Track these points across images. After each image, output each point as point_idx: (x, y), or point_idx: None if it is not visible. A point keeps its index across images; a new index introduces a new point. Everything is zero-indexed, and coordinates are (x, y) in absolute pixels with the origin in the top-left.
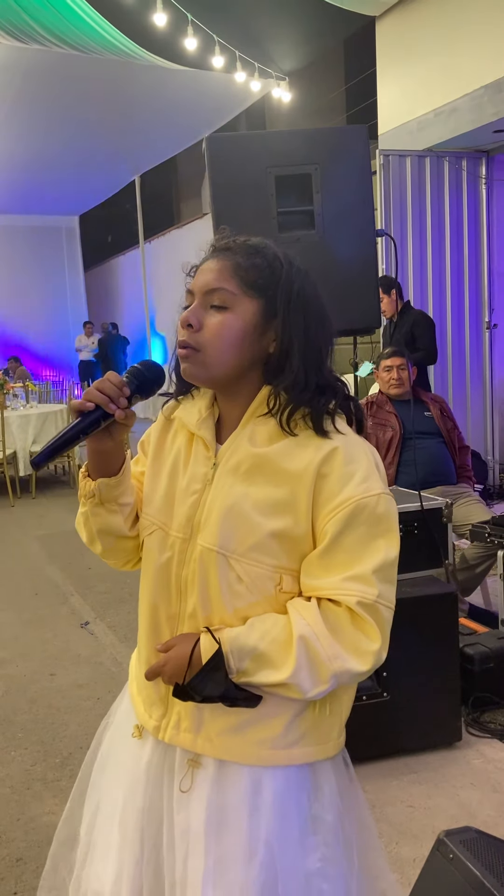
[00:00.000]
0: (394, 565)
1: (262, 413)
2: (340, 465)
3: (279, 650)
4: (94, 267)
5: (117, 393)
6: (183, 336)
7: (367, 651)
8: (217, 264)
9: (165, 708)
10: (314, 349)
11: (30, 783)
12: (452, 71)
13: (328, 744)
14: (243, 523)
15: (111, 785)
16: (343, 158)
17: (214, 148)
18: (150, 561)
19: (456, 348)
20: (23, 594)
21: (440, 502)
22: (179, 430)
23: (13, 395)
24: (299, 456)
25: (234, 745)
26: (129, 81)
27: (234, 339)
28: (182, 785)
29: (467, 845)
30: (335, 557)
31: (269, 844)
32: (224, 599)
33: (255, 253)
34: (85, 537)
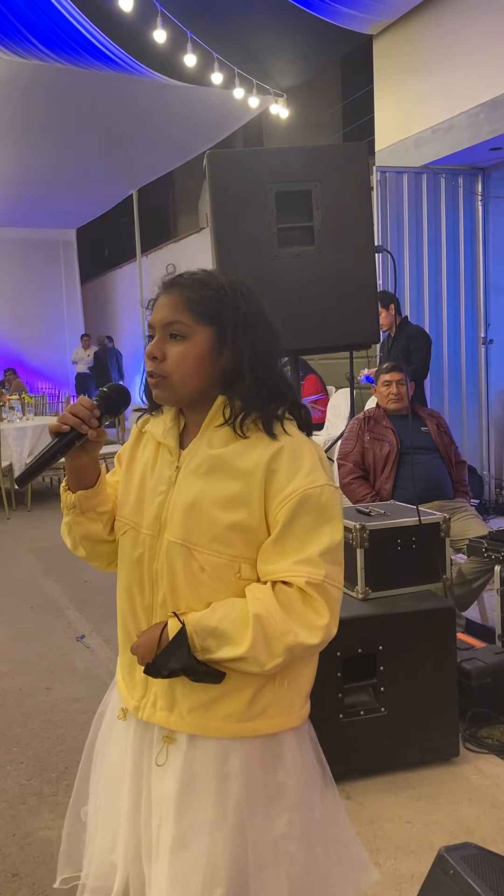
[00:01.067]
0: (339, 549)
1: (219, 423)
2: (287, 461)
3: (238, 628)
4: (91, 280)
5: (88, 415)
6: (150, 367)
7: (317, 626)
8: (170, 300)
9: (145, 689)
10: (263, 361)
11: (25, 798)
12: (449, 89)
13: (291, 715)
14: (204, 517)
15: (109, 767)
16: (343, 175)
17: (215, 164)
18: (124, 558)
19: (452, 363)
20: (19, 607)
21: (438, 517)
22: (149, 442)
23: (9, 408)
24: (250, 455)
25: (204, 721)
26: (128, 96)
27: (194, 364)
28: (158, 759)
29: (467, 861)
30: (286, 544)
31: (238, 809)
32: (189, 588)
33: (202, 286)
34: (69, 544)
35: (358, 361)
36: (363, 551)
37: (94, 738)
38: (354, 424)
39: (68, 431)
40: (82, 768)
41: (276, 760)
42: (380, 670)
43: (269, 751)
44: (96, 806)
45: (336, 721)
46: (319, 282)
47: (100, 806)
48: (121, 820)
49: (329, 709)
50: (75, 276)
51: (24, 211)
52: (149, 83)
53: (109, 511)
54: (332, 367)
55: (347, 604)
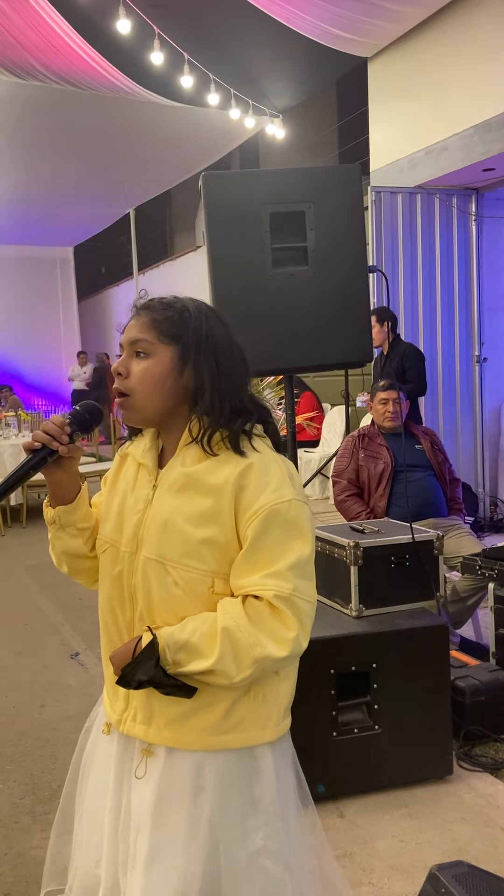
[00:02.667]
0: (309, 563)
1: (189, 441)
2: (256, 477)
3: (207, 641)
4: (87, 297)
5: (59, 432)
6: (116, 384)
7: (285, 638)
8: (138, 321)
9: (126, 704)
10: (226, 380)
11: (18, 817)
12: (443, 111)
13: (267, 729)
14: (176, 534)
15: (94, 781)
16: (336, 196)
17: (211, 185)
18: (105, 575)
19: (447, 382)
20: (13, 624)
21: (431, 534)
22: (130, 464)
23: (5, 424)
24: (220, 471)
25: (180, 733)
26: (126, 117)
27: (156, 381)
28: (137, 772)
29: (459, 879)
30: (256, 558)
31: (212, 823)
32: (164, 603)
33: (167, 307)
34: (54, 560)
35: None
36: (357, 569)
37: (80, 753)
38: (349, 442)
39: (40, 448)
40: (68, 783)
41: (252, 775)
42: (373, 688)
43: (244, 765)
44: (80, 819)
45: (329, 739)
46: (313, 301)
47: (84, 819)
48: (104, 833)
49: (323, 726)
50: (72, 294)
51: (22, 229)
52: (146, 104)
53: (91, 528)
54: (327, 384)
55: (341, 621)
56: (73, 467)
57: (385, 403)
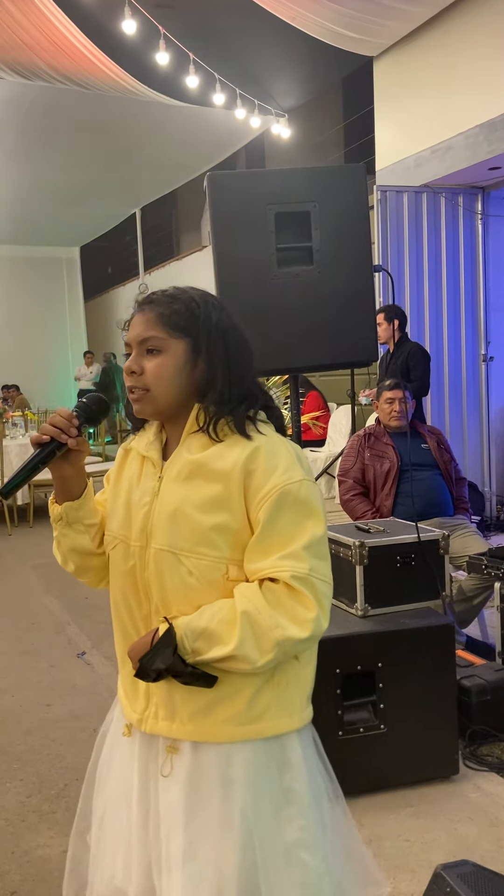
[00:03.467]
0: (323, 542)
1: (195, 430)
2: (264, 460)
3: (226, 627)
4: (94, 297)
5: (67, 425)
6: (130, 382)
7: (306, 619)
8: (144, 317)
9: (146, 701)
10: (236, 368)
11: (25, 815)
12: (448, 110)
13: (293, 716)
14: (187, 522)
15: (114, 786)
16: (341, 196)
17: (215, 185)
18: (116, 571)
19: (453, 381)
20: (19, 624)
21: (437, 534)
22: (134, 458)
23: (12, 424)
24: (228, 456)
25: (205, 726)
26: (131, 117)
27: (171, 375)
28: (163, 770)
29: (465, 879)
30: (269, 541)
31: (244, 815)
32: (179, 593)
33: (173, 301)
34: (59, 558)
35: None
36: (363, 568)
37: (96, 758)
38: (355, 441)
39: (49, 442)
40: (85, 789)
41: (281, 765)
42: (379, 687)
43: (273, 755)
44: (101, 826)
45: (335, 738)
46: (318, 301)
47: (105, 826)
48: (131, 837)
49: (328, 726)
50: (78, 294)
51: (29, 229)
52: (151, 104)
53: (97, 524)
54: (333, 384)
55: (346, 621)
56: (81, 461)
57: (391, 402)
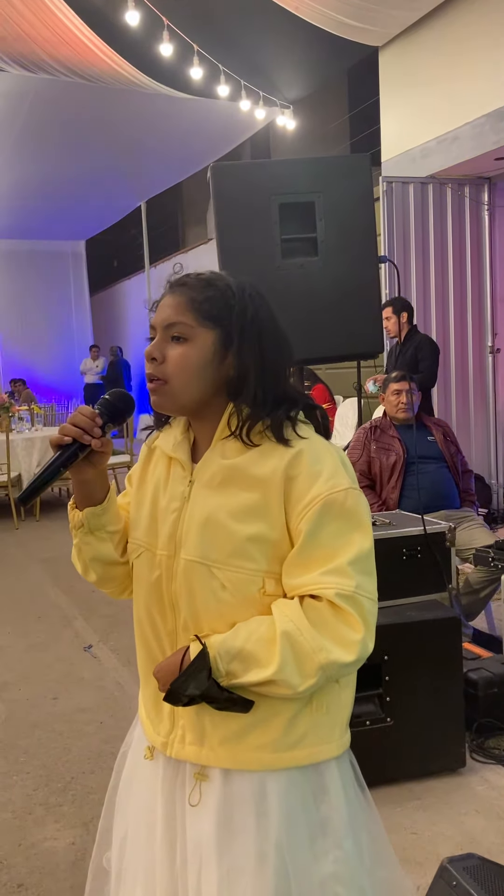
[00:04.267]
0: (369, 557)
1: (227, 434)
2: (307, 465)
3: (264, 648)
4: (99, 291)
5: (90, 424)
6: (149, 369)
7: (352, 641)
8: (174, 299)
9: (172, 724)
10: (270, 367)
11: (32, 808)
12: (454, 99)
13: (331, 743)
14: (221, 532)
15: (135, 810)
16: (345, 186)
17: (219, 176)
18: (141, 582)
19: (459, 373)
20: (26, 617)
21: (443, 526)
22: (160, 458)
23: (18, 418)
24: (267, 462)
25: (237, 753)
26: (136, 109)
27: (196, 368)
28: (191, 799)
29: (470, 872)
30: (311, 554)
31: (279, 849)
32: (211, 608)
33: (207, 286)
34: (80, 568)
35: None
36: None
37: (116, 779)
38: (361, 434)
39: (71, 443)
40: (105, 810)
41: (318, 793)
42: (385, 680)
43: (309, 783)
44: (121, 852)
45: None
46: (323, 292)
47: (126, 852)
48: (155, 867)
49: None
50: (84, 288)
51: (34, 223)
52: (156, 96)
53: (120, 530)
54: (339, 376)
55: None
56: (103, 463)
57: (398, 394)
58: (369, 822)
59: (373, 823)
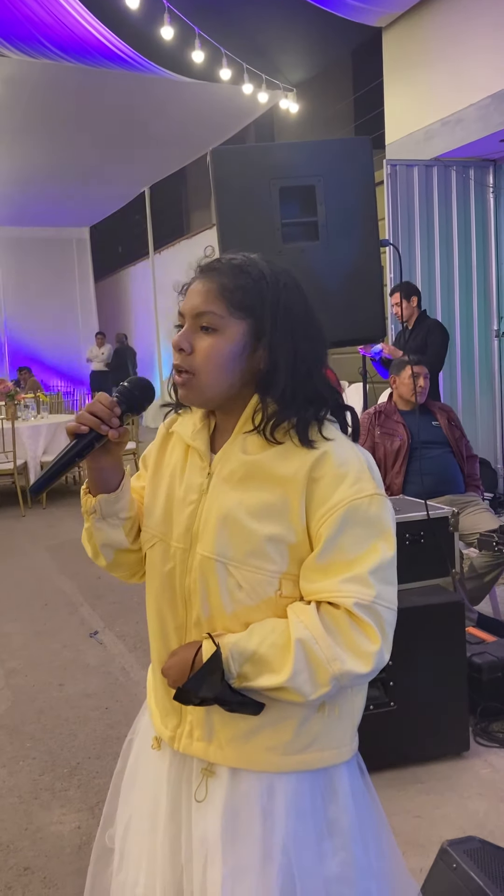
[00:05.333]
0: (391, 566)
1: (249, 429)
2: (331, 468)
3: (278, 654)
4: (104, 278)
5: (108, 414)
6: (177, 360)
7: (367, 652)
8: (204, 286)
9: (179, 718)
10: (302, 363)
11: (38, 793)
12: (459, 81)
13: (342, 748)
14: (239, 530)
15: (140, 798)
16: (346, 170)
17: (219, 160)
18: (153, 573)
19: (465, 357)
20: (32, 604)
21: (446, 511)
22: (177, 444)
23: (24, 406)
24: (290, 461)
25: (246, 753)
26: (138, 94)
27: (225, 361)
28: (197, 795)
29: (470, 855)
30: (331, 560)
31: (285, 849)
32: (225, 606)
33: (240, 273)
34: (90, 551)
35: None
36: None
37: (122, 766)
38: (364, 419)
39: (87, 433)
40: (110, 799)
41: (326, 795)
42: (389, 665)
43: (318, 785)
44: (125, 838)
45: None
46: (325, 277)
47: (128, 839)
48: (156, 858)
49: None
50: (89, 275)
51: (37, 210)
52: (158, 80)
53: (133, 517)
54: (343, 362)
55: None
56: (120, 452)
57: (417, 378)
58: (377, 825)
59: (380, 826)
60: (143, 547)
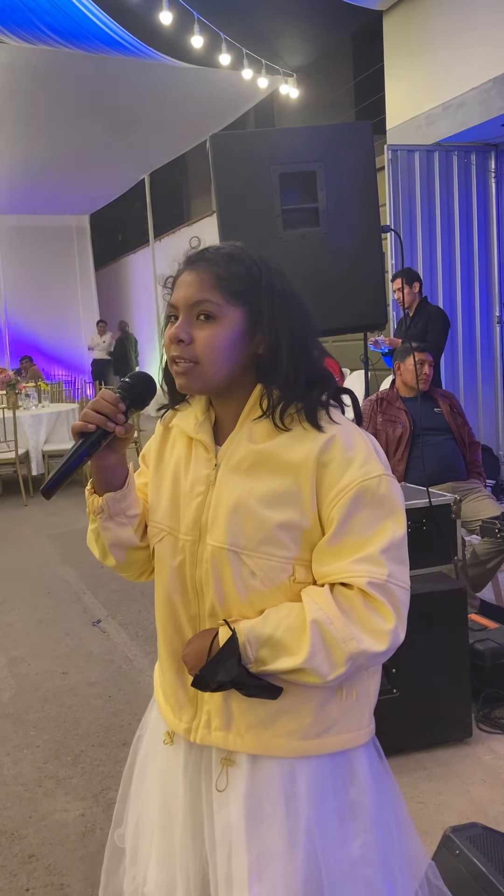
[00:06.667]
0: (402, 545)
1: (257, 415)
2: (340, 452)
3: (294, 636)
4: (104, 266)
5: (114, 411)
6: (176, 351)
7: (383, 631)
8: (196, 276)
9: (195, 709)
10: (301, 344)
11: (42, 781)
12: (460, 64)
13: (360, 731)
14: (250, 519)
15: (151, 794)
16: (347, 155)
17: (218, 146)
18: (163, 566)
19: (466, 343)
20: (35, 593)
21: (448, 498)
22: (178, 438)
23: (25, 395)
24: (298, 447)
25: (265, 739)
26: (137, 80)
27: (226, 348)
28: (218, 784)
29: (473, 841)
30: (343, 542)
31: (309, 833)
32: (240, 595)
33: (231, 261)
34: (98, 553)
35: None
36: None
37: (132, 761)
38: (367, 406)
39: (94, 431)
40: (122, 791)
41: (347, 778)
42: None
43: (338, 768)
44: (134, 835)
45: None
46: (326, 263)
47: (138, 835)
48: (176, 851)
49: None
50: (89, 262)
51: (37, 198)
52: (157, 66)
53: (140, 514)
54: (345, 349)
55: None
56: (124, 448)
57: (422, 365)
58: (396, 806)
59: (399, 807)
60: (151, 542)
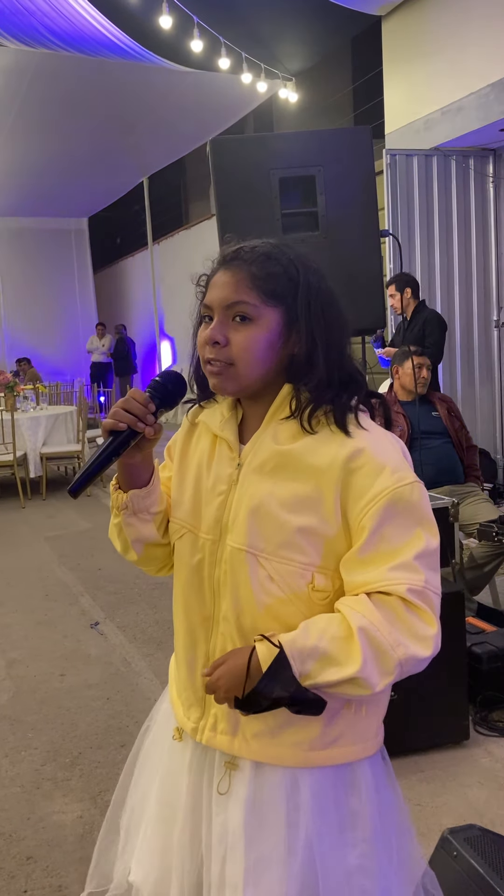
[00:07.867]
0: (435, 553)
1: (284, 415)
2: (369, 458)
3: (341, 646)
4: (103, 269)
5: (144, 411)
6: (211, 353)
7: (426, 636)
8: (232, 277)
9: (203, 710)
10: (335, 346)
11: (40, 783)
12: (459, 69)
13: (368, 742)
14: (271, 521)
15: (152, 785)
16: (346, 160)
17: (218, 151)
18: (181, 564)
19: (464, 347)
20: (33, 595)
21: (446, 502)
22: (203, 434)
23: (23, 397)
24: (324, 451)
25: (271, 747)
26: (137, 83)
27: (262, 350)
28: (220, 787)
29: (471, 842)
30: (377, 550)
31: (308, 843)
32: (256, 599)
33: (268, 260)
34: (119, 547)
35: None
36: None
37: (136, 751)
38: None
39: (123, 430)
40: (122, 782)
41: (349, 788)
42: None
43: (342, 779)
44: (128, 822)
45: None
46: (324, 267)
47: (133, 824)
48: (173, 850)
49: None
50: (88, 266)
51: (36, 201)
52: (156, 70)
53: (163, 511)
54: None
55: None
56: (152, 448)
57: (420, 369)
58: (398, 816)
59: (402, 817)
60: (171, 538)
